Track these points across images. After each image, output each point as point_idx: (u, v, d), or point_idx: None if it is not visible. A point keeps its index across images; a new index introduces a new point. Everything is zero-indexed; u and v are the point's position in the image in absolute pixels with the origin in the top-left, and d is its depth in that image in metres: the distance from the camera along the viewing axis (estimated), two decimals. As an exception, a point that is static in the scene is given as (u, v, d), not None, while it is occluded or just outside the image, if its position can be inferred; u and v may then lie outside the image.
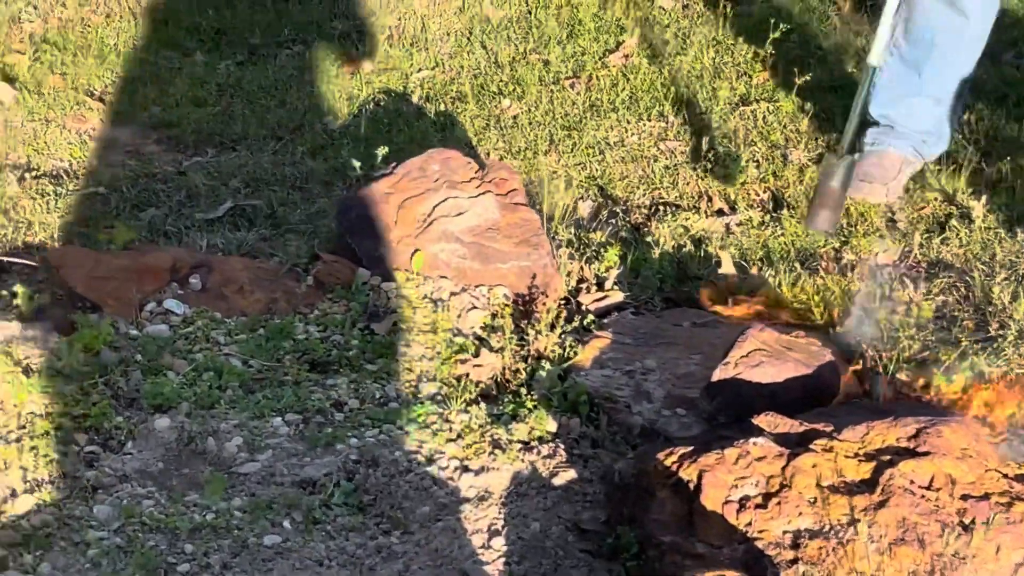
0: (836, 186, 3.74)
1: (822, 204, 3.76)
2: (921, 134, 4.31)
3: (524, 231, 3.66)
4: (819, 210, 3.76)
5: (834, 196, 3.75)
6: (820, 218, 3.76)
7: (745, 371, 2.93)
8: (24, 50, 5.63)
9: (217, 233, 4.11)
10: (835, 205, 3.76)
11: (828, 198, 3.76)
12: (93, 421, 3.01)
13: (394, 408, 3.17)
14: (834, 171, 3.75)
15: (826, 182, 3.76)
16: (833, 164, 3.75)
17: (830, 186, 3.75)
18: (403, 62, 5.54)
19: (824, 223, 3.76)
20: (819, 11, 5.70)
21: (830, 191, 3.75)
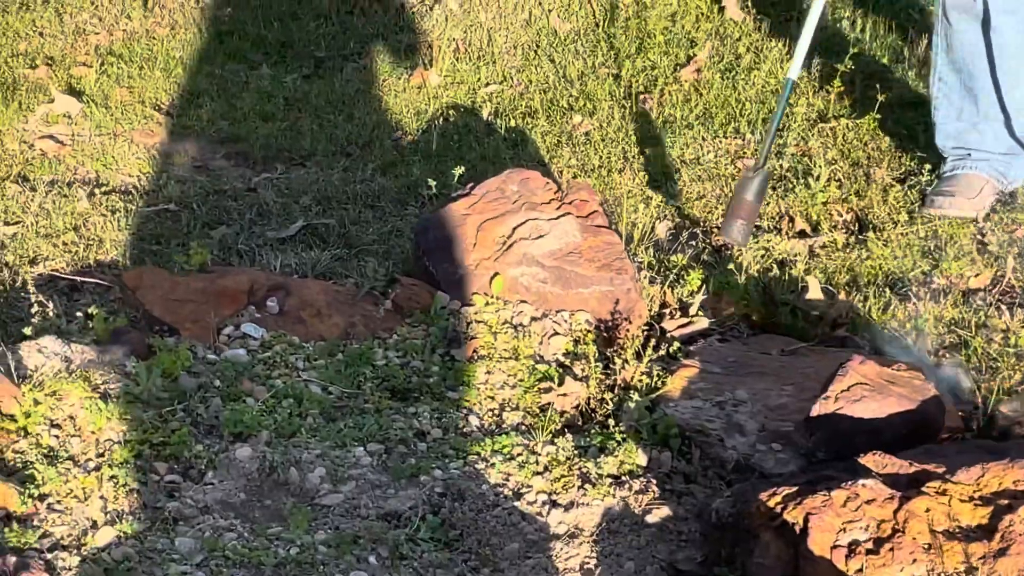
0: (750, 198, 3.81)
1: (736, 215, 3.83)
2: (1001, 156, 4.20)
3: (606, 255, 3.57)
4: (733, 220, 3.83)
5: (747, 207, 3.82)
6: (734, 229, 3.83)
7: (846, 406, 2.83)
8: (90, 63, 5.59)
9: (289, 253, 4.04)
10: (748, 216, 3.83)
11: (742, 209, 3.82)
12: (173, 449, 2.95)
13: (478, 438, 3.09)
14: (748, 183, 3.82)
15: (740, 193, 3.83)
16: (748, 176, 3.82)
17: (744, 198, 3.82)
18: (470, 76, 5.46)
19: (737, 234, 3.83)
20: (896, 22, 5.58)
21: (744, 203, 3.82)
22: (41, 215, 4.29)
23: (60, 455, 2.90)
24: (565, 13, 5.91)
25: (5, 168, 4.67)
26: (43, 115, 5.09)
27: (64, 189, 4.48)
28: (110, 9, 6.14)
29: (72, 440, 2.94)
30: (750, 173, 3.82)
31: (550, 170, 4.59)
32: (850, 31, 5.51)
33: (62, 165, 4.73)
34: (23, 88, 5.32)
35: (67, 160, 4.77)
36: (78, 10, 6.14)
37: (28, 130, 5.01)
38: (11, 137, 4.92)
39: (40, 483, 2.80)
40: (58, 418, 2.99)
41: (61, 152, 4.83)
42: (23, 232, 4.19)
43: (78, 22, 6.04)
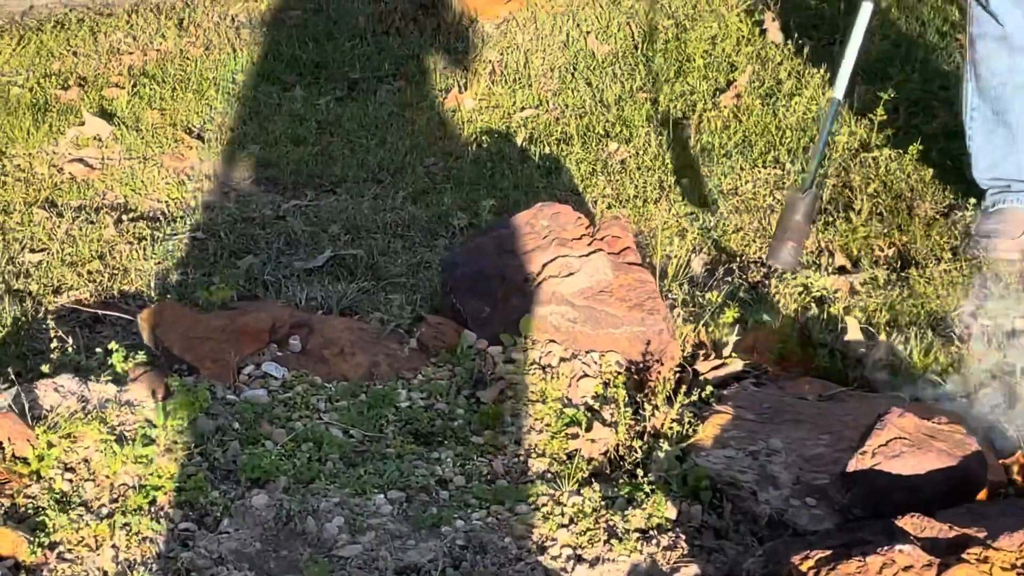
0: (800, 219, 3.70)
1: (785, 238, 3.71)
2: None
3: (638, 294, 3.48)
4: (782, 244, 3.72)
5: (798, 230, 3.70)
6: (784, 252, 3.72)
7: (883, 462, 2.72)
8: (123, 83, 5.54)
9: (316, 285, 3.96)
10: (798, 239, 3.71)
11: (792, 232, 3.71)
12: (188, 495, 2.86)
13: (502, 486, 2.99)
14: (797, 204, 3.70)
15: (789, 215, 3.71)
16: (797, 197, 3.71)
17: (794, 220, 3.71)
18: (506, 99, 5.38)
19: (787, 258, 3.72)
20: (941, 49, 5.46)
21: (794, 225, 3.71)
22: (67, 242, 4.23)
23: (73, 500, 2.82)
24: (603, 35, 5.82)
25: (33, 192, 4.63)
26: (73, 138, 5.04)
27: (91, 215, 4.43)
28: (145, 28, 6.11)
29: (86, 484, 2.87)
30: (799, 193, 3.73)
31: (584, 199, 4.50)
32: (894, 56, 5.40)
33: (91, 189, 4.68)
34: (54, 110, 5.28)
35: (96, 184, 4.72)
36: (113, 29, 6.11)
37: (58, 153, 4.96)
38: (41, 160, 4.87)
39: (51, 531, 2.72)
40: (72, 461, 2.92)
41: (90, 176, 4.78)
42: (48, 260, 4.13)
43: (112, 41, 6.00)
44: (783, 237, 3.71)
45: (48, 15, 6.32)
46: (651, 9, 5.90)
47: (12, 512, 2.78)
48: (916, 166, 4.56)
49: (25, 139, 5.01)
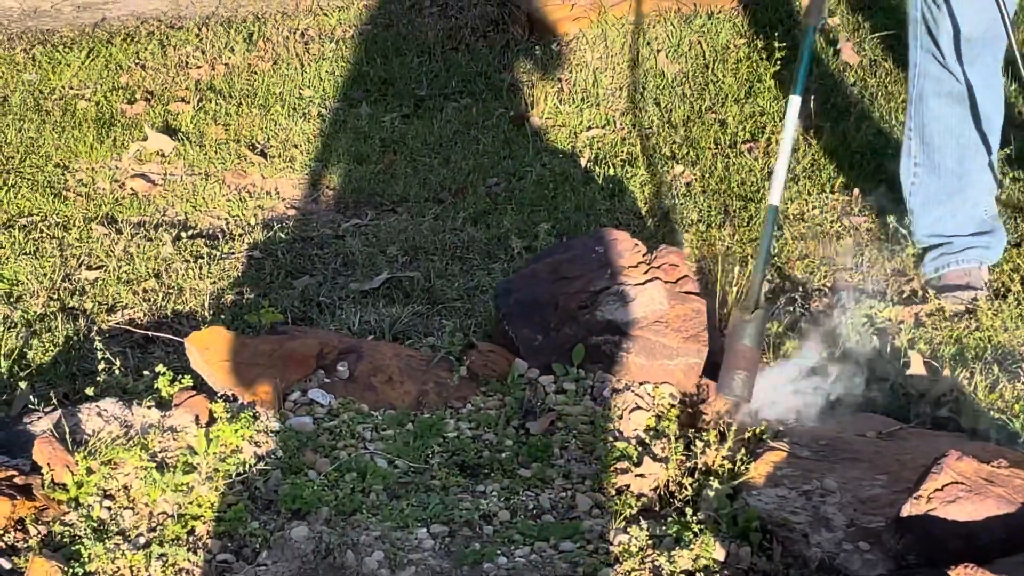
0: (749, 344, 3.23)
1: (735, 365, 3.22)
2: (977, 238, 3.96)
3: (694, 324, 3.40)
4: (733, 373, 3.22)
5: (747, 356, 3.22)
6: (735, 382, 3.21)
7: (939, 507, 2.63)
8: (188, 98, 5.53)
9: (370, 307, 3.92)
10: (750, 366, 3.23)
11: (741, 358, 3.23)
12: (227, 526, 2.82)
13: (548, 522, 2.92)
14: (745, 328, 3.24)
15: (737, 341, 3.24)
16: (743, 321, 3.24)
17: (742, 345, 3.23)
18: (573, 118, 5.31)
19: (738, 389, 3.21)
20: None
21: (742, 351, 3.23)
22: (124, 259, 4.22)
23: (110, 529, 2.79)
24: (674, 53, 5.74)
25: (94, 208, 4.62)
26: (136, 153, 5.03)
27: (150, 232, 4.41)
28: (215, 42, 6.10)
29: (124, 513, 2.84)
30: (745, 316, 3.25)
31: (646, 223, 4.42)
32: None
33: (151, 206, 4.67)
34: (119, 124, 5.28)
35: (157, 200, 4.71)
36: (183, 43, 6.11)
37: (120, 168, 4.96)
38: (103, 175, 4.87)
39: (86, 560, 2.69)
40: (111, 488, 2.89)
41: (151, 192, 4.77)
42: (104, 277, 4.12)
43: (181, 55, 6.00)
44: (732, 365, 3.26)
45: (120, 27, 6.33)
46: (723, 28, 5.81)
47: (48, 540, 2.76)
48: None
49: (88, 153, 5.02)
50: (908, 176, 4.02)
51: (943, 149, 3.92)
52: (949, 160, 3.93)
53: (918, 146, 3.98)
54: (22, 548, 2.73)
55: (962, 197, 3.96)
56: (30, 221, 4.49)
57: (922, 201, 4.01)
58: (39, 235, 4.38)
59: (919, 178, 4.00)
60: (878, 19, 5.79)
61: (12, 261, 4.19)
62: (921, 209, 4.02)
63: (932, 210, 4.00)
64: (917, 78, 3.92)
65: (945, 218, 3.98)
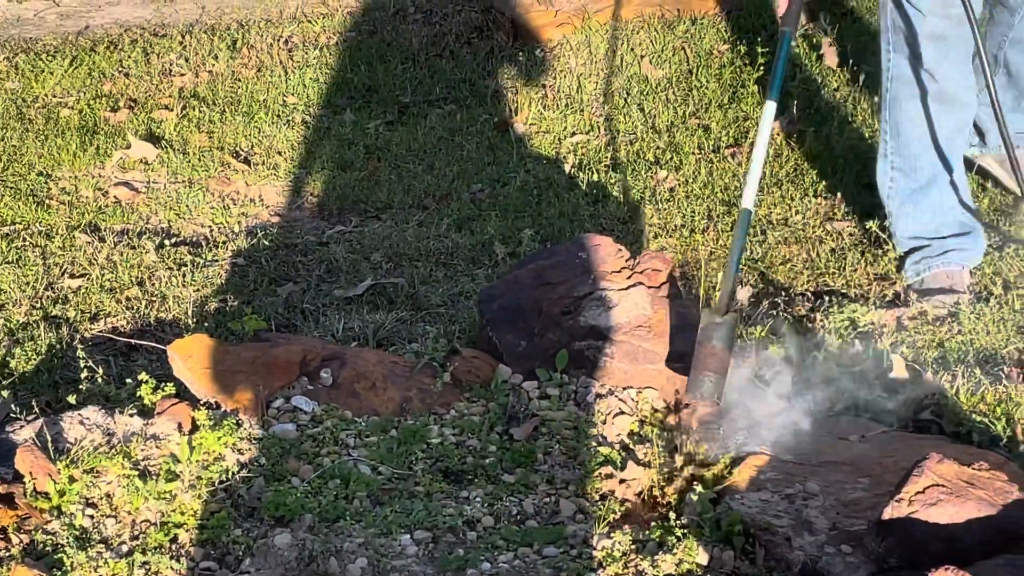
0: (720, 346, 3.20)
1: (705, 367, 3.19)
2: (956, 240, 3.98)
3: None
4: (702, 375, 3.19)
5: (718, 357, 3.20)
6: (705, 385, 3.19)
7: (920, 510, 2.63)
8: (172, 106, 5.53)
9: (354, 314, 3.92)
10: (718, 368, 3.20)
11: (711, 360, 3.20)
12: (210, 533, 2.82)
13: (531, 528, 2.92)
14: (715, 330, 3.21)
15: (705, 343, 3.21)
16: (713, 323, 3.22)
17: (712, 346, 3.21)
18: (556, 124, 5.32)
19: (708, 390, 3.18)
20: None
21: (712, 351, 3.20)
22: (107, 267, 4.22)
23: (93, 537, 2.79)
24: (658, 59, 5.74)
25: (77, 216, 4.62)
26: (120, 161, 5.03)
27: (134, 240, 4.41)
28: (198, 50, 6.10)
29: (107, 521, 2.84)
30: (716, 318, 3.23)
31: (630, 229, 4.42)
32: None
33: (135, 214, 4.67)
34: (102, 132, 5.28)
35: (140, 208, 4.71)
36: (166, 50, 6.11)
37: (104, 176, 4.96)
38: (86, 184, 4.87)
39: (68, 569, 2.69)
40: (94, 496, 2.88)
41: (135, 200, 4.77)
42: (87, 285, 4.12)
43: (165, 63, 6.00)
44: (700, 367, 3.21)
45: (103, 35, 6.33)
46: (706, 35, 5.82)
47: (31, 549, 2.75)
48: (974, 195, 4.45)
49: (72, 162, 5.01)
50: (885, 180, 4.04)
51: (918, 151, 3.94)
52: (924, 162, 3.95)
53: (894, 149, 4.00)
54: (4, 557, 2.72)
55: (939, 199, 3.98)
56: (13, 229, 4.49)
57: (900, 204, 4.03)
58: (22, 243, 4.38)
59: (896, 181, 4.01)
60: (860, 24, 5.80)
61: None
62: (899, 212, 4.04)
63: (910, 212, 4.01)
64: (891, 81, 3.94)
65: (924, 220, 4.00)
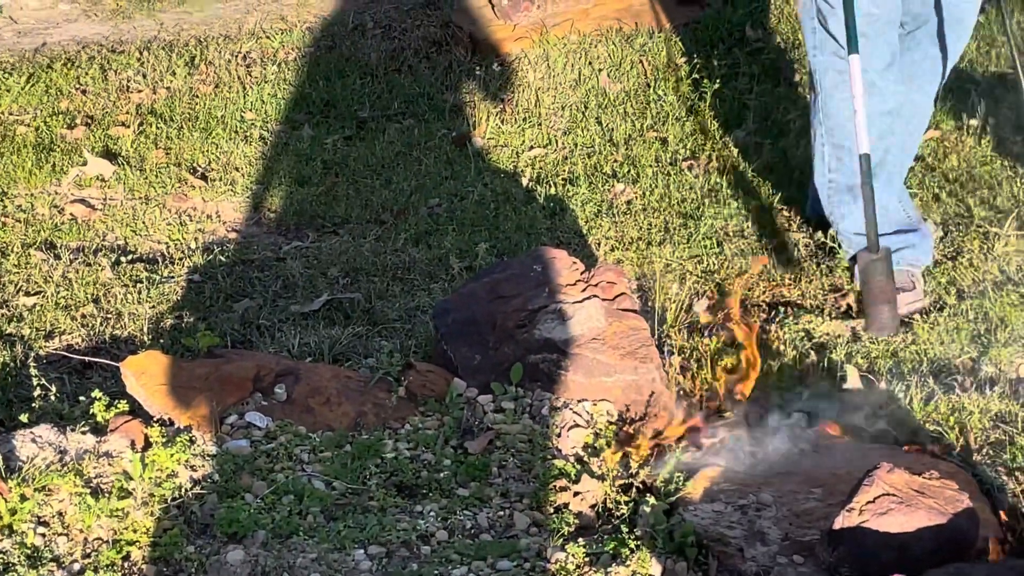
0: (883, 280, 3.62)
1: (879, 301, 3.63)
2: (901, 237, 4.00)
3: (631, 342, 3.41)
4: (877, 310, 3.63)
5: (886, 290, 3.62)
6: (882, 318, 3.64)
7: (871, 519, 2.64)
8: (129, 122, 5.51)
9: (311, 329, 3.91)
10: (892, 298, 3.63)
11: (881, 294, 3.64)
12: (163, 551, 2.81)
13: (485, 541, 2.92)
14: (875, 267, 3.65)
15: (873, 280, 3.65)
16: (871, 260, 3.66)
17: (877, 282, 3.64)
18: (515, 138, 5.33)
19: (888, 322, 3.64)
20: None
21: (881, 287, 3.64)
22: (63, 285, 4.20)
23: (44, 556, 2.77)
24: (616, 73, 5.76)
25: (33, 234, 4.60)
26: (76, 178, 5.01)
27: (89, 257, 4.39)
28: (156, 66, 6.09)
29: (59, 539, 2.82)
30: (872, 256, 3.67)
31: (587, 242, 4.43)
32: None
33: (91, 231, 4.65)
34: (59, 149, 5.26)
35: (96, 225, 4.69)
36: (124, 67, 6.10)
37: (60, 193, 4.94)
38: (42, 201, 4.85)
39: (19, 588, 2.68)
40: (46, 515, 2.87)
41: (91, 217, 4.75)
42: (42, 303, 4.10)
43: (122, 79, 5.99)
44: (875, 303, 3.65)
45: (60, 52, 6.30)
46: (665, 48, 5.84)
47: (-19, 568, 2.74)
48: (927, 207, 4.48)
49: (27, 179, 4.99)
50: (824, 181, 4.07)
51: (853, 147, 3.88)
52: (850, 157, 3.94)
53: (830, 151, 4.02)
54: (-46, 576, 2.71)
55: (886, 195, 3.98)
56: (-32, 247, 4.47)
57: (840, 202, 4.04)
58: (-23, 261, 4.35)
59: (834, 181, 4.04)
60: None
61: (-51, 288, 4.17)
62: (841, 211, 4.04)
63: (853, 210, 3.98)
64: (820, 80, 3.97)
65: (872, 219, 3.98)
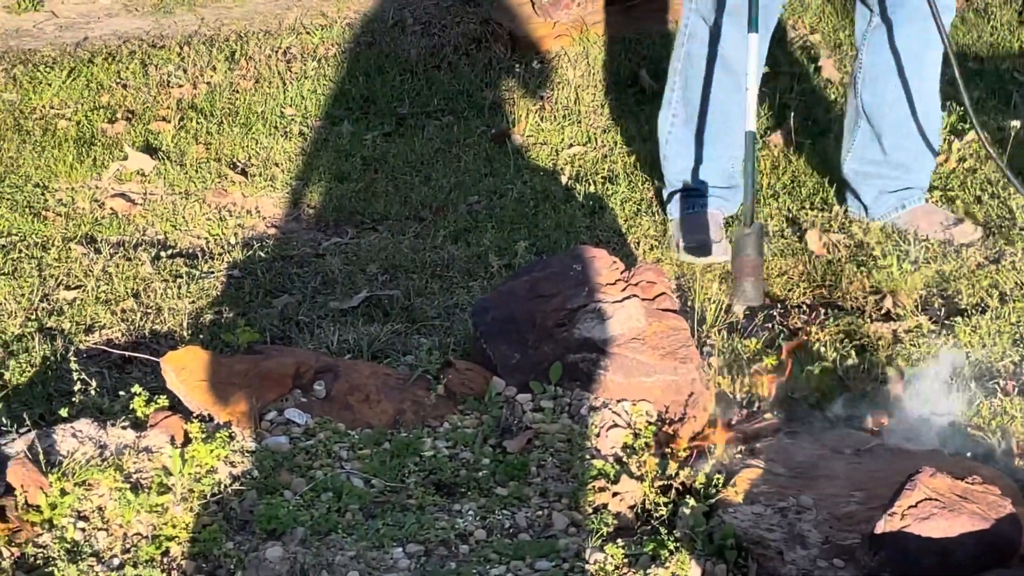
0: (752, 254, 3.72)
1: (742, 275, 3.70)
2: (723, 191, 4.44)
3: (671, 342, 3.39)
4: (741, 282, 3.70)
5: (753, 264, 3.71)
6: (746, 290, 3.70)
7: (913, 524, 2.62)
8: (169, 117, 5.53)
9: (349, 326, 3.91)
10: (757, 272, 3.72)
11: (746, 267, 3.71)
12: (202, 547, 2.81)
13: (524, 541, 2.92)
14: (746, 240, 3.72)
15: (740, 254, 3.72)
16: (743, 234, 3.74)
17: (746, 256, 3.72)
18: (554, 136, 5.32)
19: (751, 293, 3.70)
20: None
21: (747, 261, 3.72)
22: (103, 279, 4.21)
23: (84, 551, 2.78)
24: (656, 70, 5.74)
25: (73, 228, 4.62)
26: (116, 172, 5.03)
27: (130, 251, 4.40)
28: (196, 61, 6.11)
29: (98, 534, 2.83)
30: (745, 230, 3.74)
31: (627, 240, 4.42)
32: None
33: (131, 225, 4.66)
34: (100, 143, 5.28)
35: (136, 220, 4.70)
36: (164, 61, 6.11)
37: (100, 188, 4.96)
38: (83, 195, 4.87)
39: (59, 582, 2.68)
40: (86, 509, 2.88)
41: (131, 212, 4.76)
42: (83, 297, 4.11)
43: (163, 74, 6.00)
44: (741, 275, 3.72)
45: (101, 47, 6.33)
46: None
47: (22, 562, 2.75)
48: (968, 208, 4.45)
49: (68, 173, 5.01)
50: (665, 125, 4.45)
51: (700, 106, 4.33)
52: (705, 119, 4.34)
53: (679, 100, 4.39)
54: (-6, 570, 2.72)
55: (716, 152, 4.37)
56: (9, 241, 4.48)
57: (676, 149, 4.43)
58: (18, 255, 4.37)
59: (675, 128, 4.42)
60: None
61: (-10, 281, 4.19)
62: (674, 155, 4.45)
63: (686, 159, 4.41)
64: (686, 39, 4.33)
65: (698, 168, 4.40)
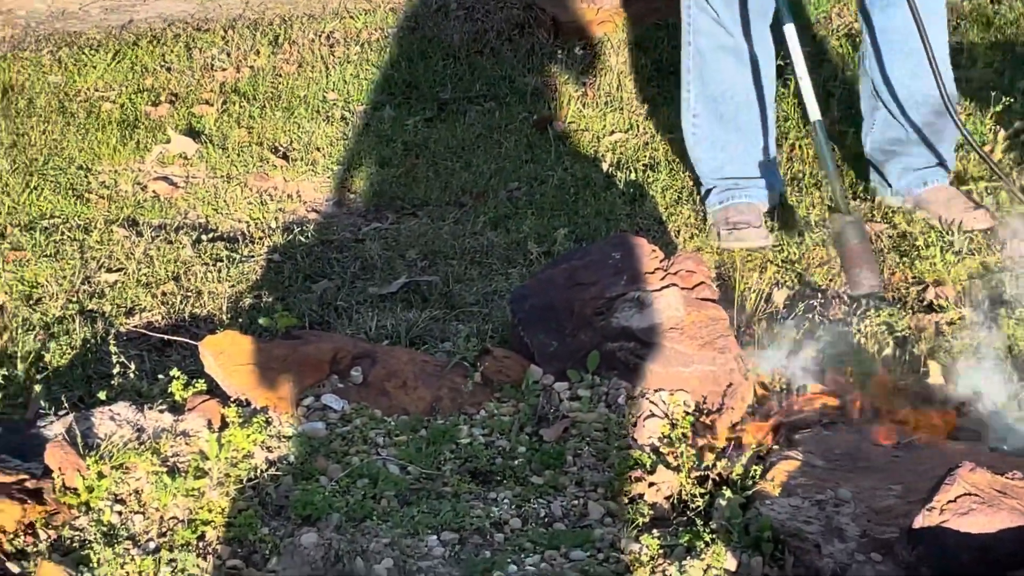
0: (858, 243, 3.70)
1: (856, 264, 3.67)
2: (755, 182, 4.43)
3: (710, 332, 3.38)
4: (856, 271, 3.67)
5: (863, 252, 3.70)
6: (862, 278, 3.67)
7: (952, 519, 2.60)
8: (212, 101, 5.54)
9: (388, 312, 3.91)
10: (869, 258, 3.71)
11: (857, 257, 3.69)
12: (237, 532, 2.82)
13: (559, 530, 2.91)
14: (849, 230, 3.71)
15: (847, 243, 3.70)
16: (845, 222, 3.73)
17: (853, 245, 3.70)
18: (596, 123, 5.30)
19: (869, 281, 3.67)
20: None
21: (856, 250, 3.69)
22: (144, 262, 4.22)
23: (120, 534, 2.79)
24: (699, 57, 5.70)
25: (116, 210, 4.63)
26: (159, 155, 5.04)
27: (171, 235, 4.42)
28: (240, 45, 6.11)
29: (135, 517, 2.84)
30: (845, 219, 3.74)
31: (667, 228, 4.40)
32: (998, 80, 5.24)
33: (173, 208, 4.68)
34: (143, 126, 5.29)
35: (178, 203, 4.72)
36: (209, 45, 6.13)
37: (143, 170, 4.97)
38: (126, 178, 4.89)
39: (95, 565, 2.69)
40: (123, 492, 2.89)
41: (173, 195, 4.78)
42: (123, 280, 4.12)
43: (207, 57, 6.01)
44: (852, 265, 3.70)
45: (146, 30, 6.35)
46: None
47: (58, 545, 2.76)
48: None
49: (111, 156, 5.03)
50: (689, 127, 4.43)
51: (723, 99, 4.33)
52: (730, 108, 4.34)
53: (698, 100, 4.37)
54: (32, 552, 2.73)
55: (747, 144, 4.38)
56: (51, 223, 4.50)
57: (706, 149, 4.41)
58: (60, 237, 4.39)
59: (700, 128, 4.40)
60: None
61: (33, 263, 4.20)
62: (706, 157, 4.42)
63: (717, 157, 4.40)
64: (692, 36, 4.33)
65: (732, 163, 4.38)
